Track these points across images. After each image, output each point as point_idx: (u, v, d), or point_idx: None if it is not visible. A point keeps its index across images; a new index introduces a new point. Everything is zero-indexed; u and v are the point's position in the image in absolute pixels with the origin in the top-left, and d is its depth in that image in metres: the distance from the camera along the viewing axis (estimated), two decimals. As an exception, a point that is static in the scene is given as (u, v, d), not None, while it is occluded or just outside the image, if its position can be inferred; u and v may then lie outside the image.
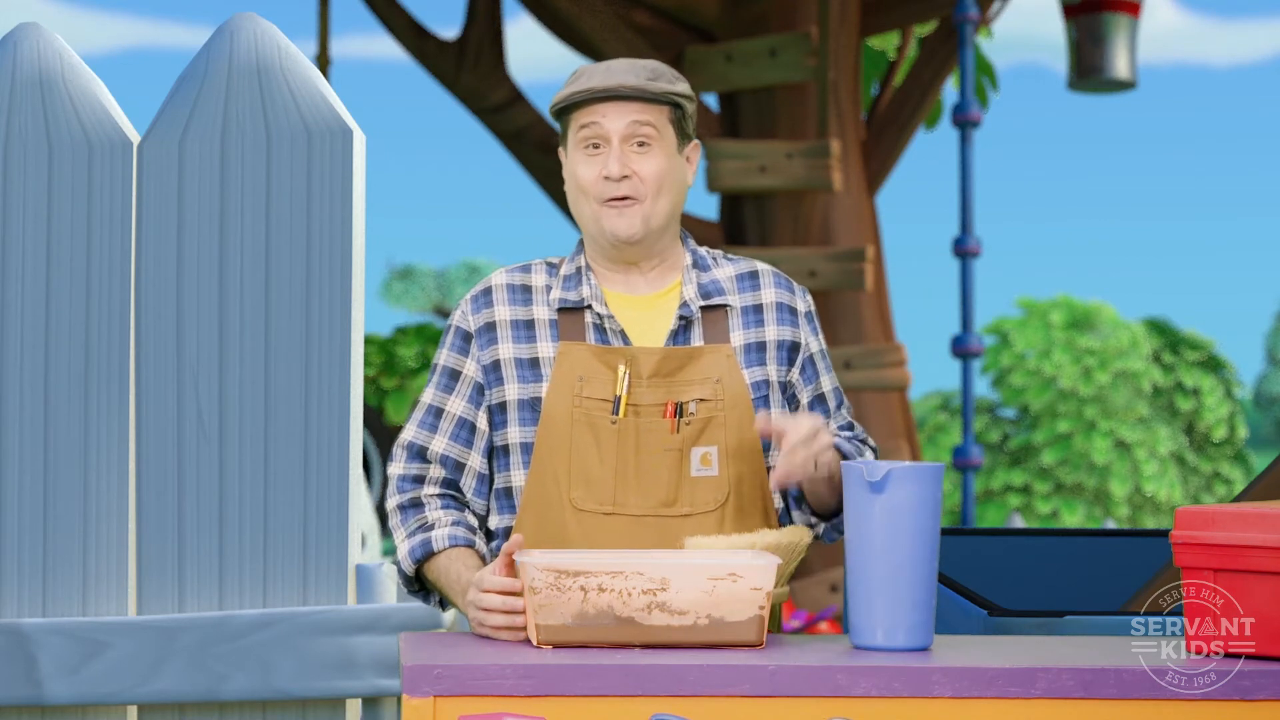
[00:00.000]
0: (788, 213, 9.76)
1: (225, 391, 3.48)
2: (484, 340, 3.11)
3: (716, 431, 3.03)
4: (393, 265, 43.33)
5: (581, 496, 3.01)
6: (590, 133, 3.06)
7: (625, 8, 10.11)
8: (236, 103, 3.49)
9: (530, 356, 3.08)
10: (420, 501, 3.10)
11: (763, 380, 3.10)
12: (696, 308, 3.10)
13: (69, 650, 3.41)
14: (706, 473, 3.02)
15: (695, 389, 3.04)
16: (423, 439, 3.12)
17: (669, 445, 3.01)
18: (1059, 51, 29.05)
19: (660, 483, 3.01)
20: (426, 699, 2.58)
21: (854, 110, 10.00)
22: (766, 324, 3.14)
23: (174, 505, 3.47)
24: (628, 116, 3.05)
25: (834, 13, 9.68)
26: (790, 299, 3.19)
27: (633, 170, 3.06)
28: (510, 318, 3.11)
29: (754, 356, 3.11)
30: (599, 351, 3.05)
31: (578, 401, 3.03)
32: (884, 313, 10.12)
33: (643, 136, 3.06)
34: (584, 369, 3.04)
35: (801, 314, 3.19)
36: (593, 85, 3.06)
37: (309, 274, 3.49)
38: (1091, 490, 26.53)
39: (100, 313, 3.49)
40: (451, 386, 3.13)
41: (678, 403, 3.02)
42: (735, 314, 3.13)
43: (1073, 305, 27.84)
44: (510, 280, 3.15)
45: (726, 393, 3.04)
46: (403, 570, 3.09)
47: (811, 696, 2.61)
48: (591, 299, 3.09)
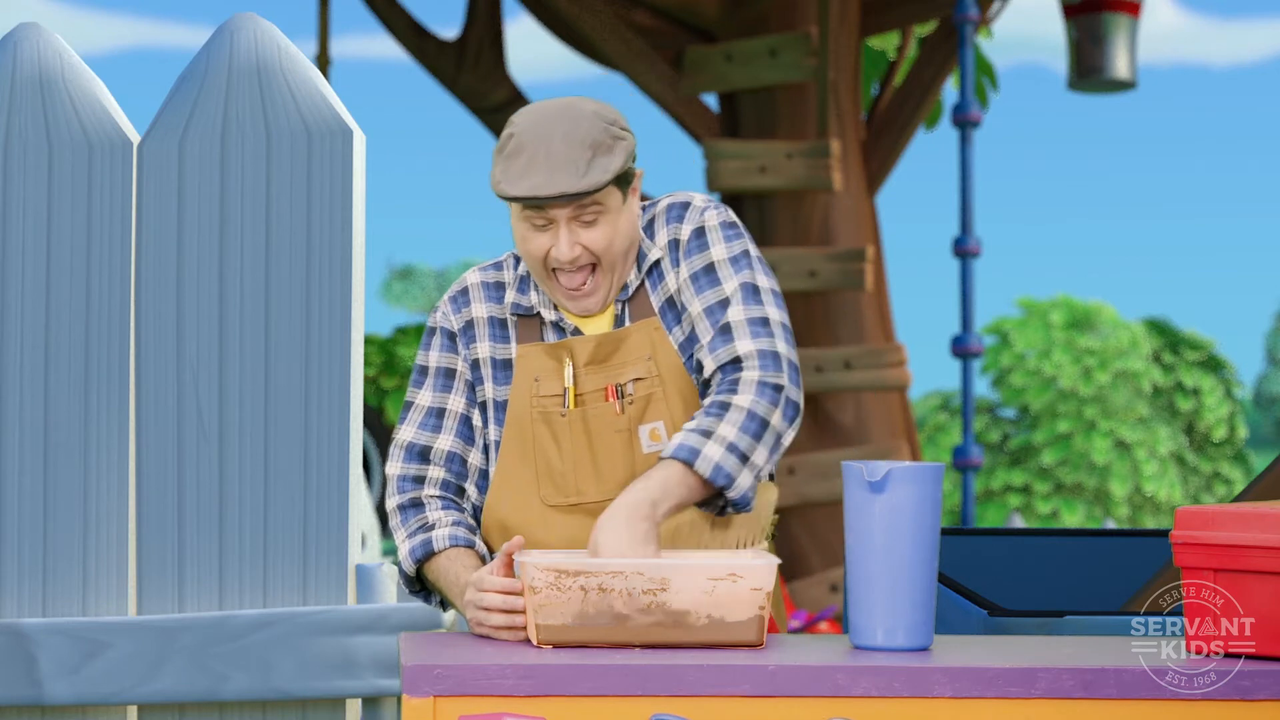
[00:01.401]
0: (788, 213, 9.76)
1: (225, 391, 3.48)
2: (466, 339, 3.14)
3: (659, 406, 3.05)
4: (393, 265, 43.37)
5: (549, 492, 3.05)
6: (534, 214, 2.99)
7: (625, 8, 10.11)
8: (236, 103, 3.49)
9: (504, 358, 3.12)
10: (421, 502, 3.11)
11: (686, 339, 3.08)
12: (633, 287, 3.10)
13: (69, 650, 3.41)
14: (657, 447, 3.03)
15: (630, 369, 3.05)
16: (425, 439, 3.13)
17: (618, 427, 3.04)
18: (1059, 51, 29.03)
19: (616, 465, 3.04)
20: (426, 699, 2.58)
21: (854, 110, 10.00)
22: (667, 273, 3.10)
23: (174, 505, 3.47)
24: (571, 205, 2.98)
25: (834, 13, 9.67)
26: (678, 229, 3.09)
27: (583, 245, 3.00)
28: (487, 315, 3.14)
29: (671, 316, 3.09)
30: (549, 349, 3.09)
31: (535, 402, 3.07)
32: (884, 313, 10.12)
33: (590, 214, 2.99)
34: (538, 369, 3.08)
35: (684, 242, 3.09)
36: (531, 191, 2.94)
37: (309, 274, 3.49)
38: (1091, 490, 26.53)
39: (100, 313, 3.49)
40: (449, 385, 3.14)
41: (617, 385, 3.04)
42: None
43: (1073, 305, 27.84)
44: (484, 279, 3.17)
45: (660, 367, 3.05)
46: (404, 570, 3.10)
47: (811, 696, 2.61)
48: (540, 306, 3.10)
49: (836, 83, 9.75)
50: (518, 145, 2.98)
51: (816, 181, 9.38)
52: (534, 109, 3.01)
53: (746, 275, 3.05)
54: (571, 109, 3.00)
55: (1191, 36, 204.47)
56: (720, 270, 3.06)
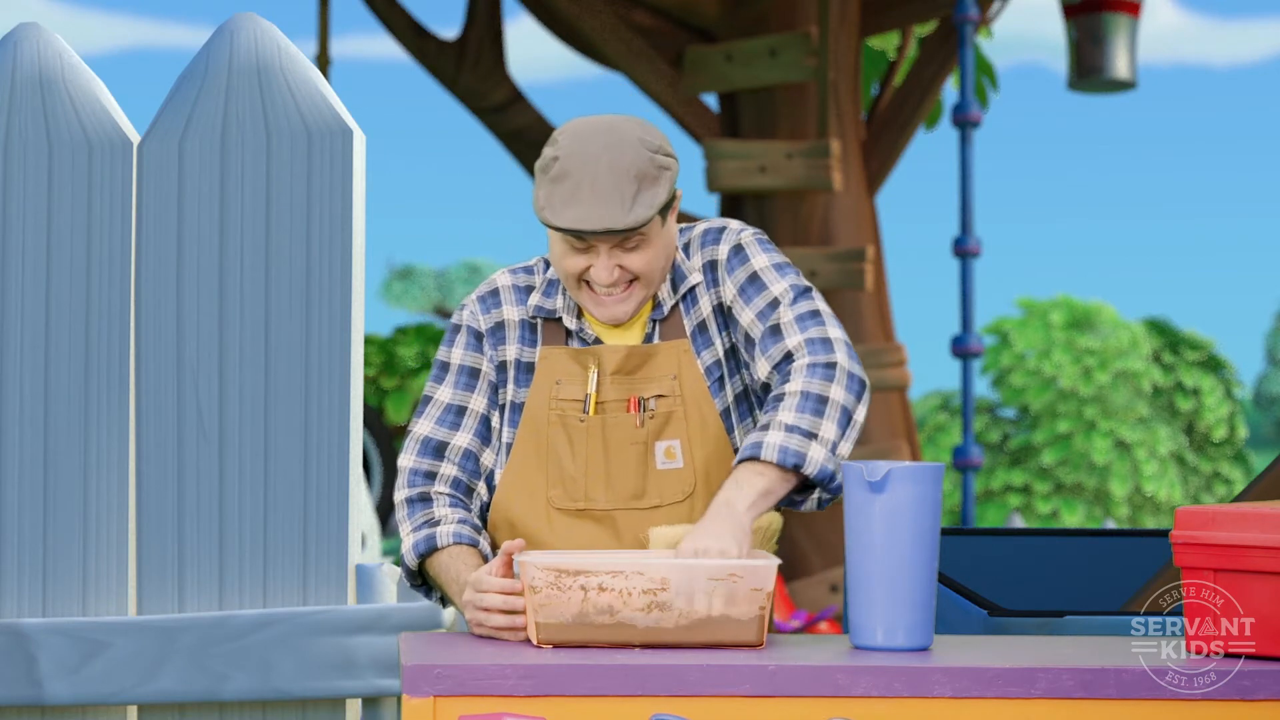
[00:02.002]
0: (788, 213, 9.76)
1: (225, 391, 3.48)
2: (495, 340, 3.14)
3: (678, 426, 3.05)
4: (393, 265, 43.32)
5: (558, 495, 3.05)
6: (574, 239, 2.99)
7: (625, 8, 10.11)
8: (236, 103, 3.49)
9: (530, 361, 3.12)
10: (429, 497, 3.11)
11: (714, 363, 3.10)
12: (668, 307, 3.11)
13: (69, 650, 3.41)
14: (671, 465, 3.04)
15: (654, 385, 3.06)
16: (443, 435, 3.13)
17: (635, 439, 3.04)
18: (1059, 51, 29.06)
19: (628, 476, 3.04)
20: (426, 699, 2.58)
21: (854, 110, 10.00)
22: (700, 296, 3.12)
23: (174, 505, 3.47)
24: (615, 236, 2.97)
25: (834, 13, 9.68)
26: (714, 251, 3.11)
27: (623, 268, 3.01)
28: (518, 318, 3.14)
29: (703, 339, 3.11)
30: (574, 354, 3.09)
31: (554, 404, 3.07)
32: (884, 313, 10.12)
33: (633, 243, 2.99)
34: (561, 372, 3.08)
35: (723, 261, 3.10)
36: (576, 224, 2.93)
37: (309, 274, 3.49)
38: (1091, 490, 26.53)
39: (100, 313, 3.49)
40: (472, 385, 3.15)
41: (640, 398, 3.05)
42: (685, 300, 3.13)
43: (1073, 305, 27.84)
44: (515, 281, 3.17)
45: (683, 388, 3.06)
46: (406, 564, 3.11)
47: (811, 696, 2.61)
48: (563, 311, 3.10)
49: (836, 83, 9.75)
50: (562, 170, 2.95)
51: (816, 181, 9.38)
52: (578, 128, 2.98)
53: (792, 278, 3.06)
54: (616, 132, 2.98)
55: (1191, 36, 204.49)
56: (765, 276, 3.07)
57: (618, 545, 3.05)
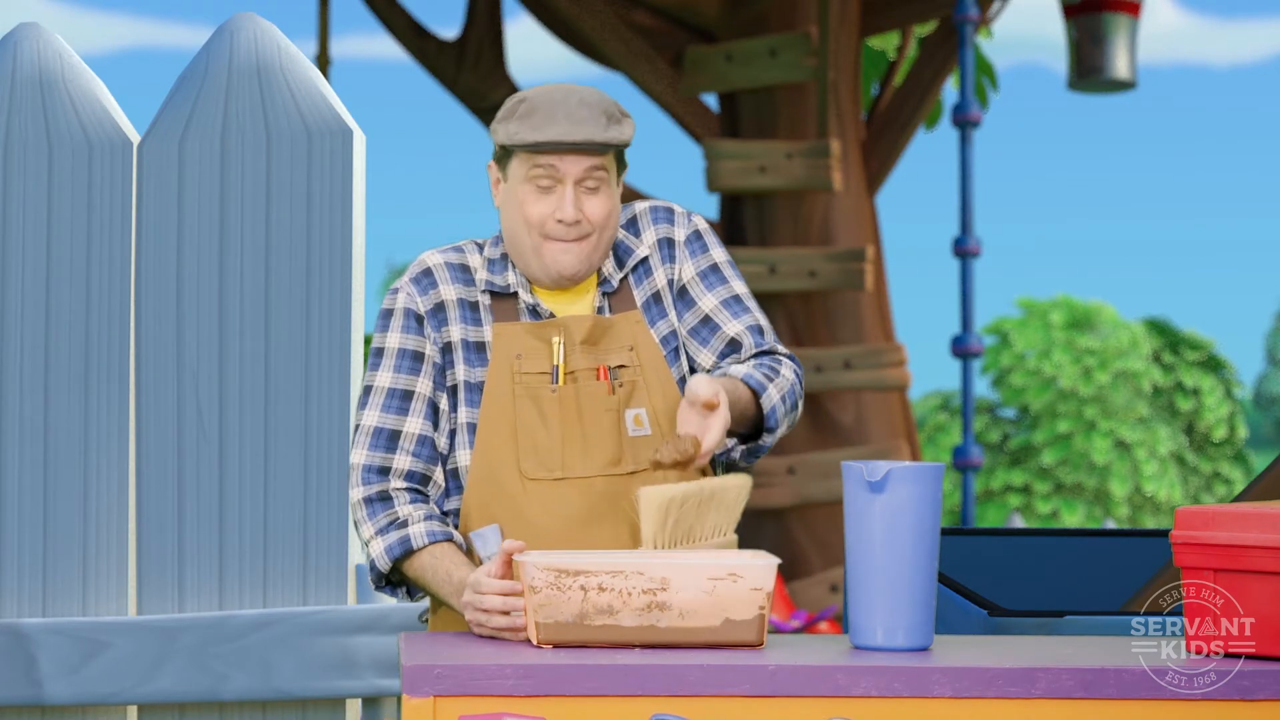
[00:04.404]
0: (787, 213, 9.76)
1: (225, 391, 3.48)
2: (436, 322, 3.12)
3: (641, 395, 3.11)
4: (393, 265, 43.33)
5: (532, 466, 3.04)
6: (543, 173, 3.07)
7: (625, 8, 10.11)
8: (236, 103, 3.49)
9: (477, 340, 3.11)
10: (389, 495, 3.07)
11: (670, 333, 3.17)
12: (616, 280, 3.15)
13: (69, 650, 3.41)
14: (641, 433, 3.09)
15: (615, 356, 3.12)
16: (392, 423, 3.09)
17: (608, 406, 3.09)
18: (1059, 51, 29.04)
19: (605, 442, 3.07)
20: (426, 699, 2.58)
21: (854, 110, 10.00)
22: (655, 269, 3.20)
23: (174, 505, 3.47)
24: (584, 164, 3.07)
25: (834, 13, 9.68)
26: (669, 230, 3.22)
27: (583, 213, 3.08)
28: (457, 297, 3.13)
29: (656, 310, 3.18)
30: (532, 328, 3.10)
31: (517, 378, 3.08)
32: (884, 313, 10.12)
33: (595, 180, 3.08)
34: (520, 346, 3.10)
35: (680, 242, 3.21)
36: (558, 136, 3.04)
37: (309, 274, 3.49)
38: (1091, 490, 26.54)
39: (100, 313, 3.49)
40: (416, 369, 3.11)
41: (609, 366, 3.09)
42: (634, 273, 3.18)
43: (1073, 305, 27.85)
44: (447, 259, 3.17)
45: (641, 358, 3.12)
46: (376, 566, 3.07)
47: (811, 696, 2.61)
48: (517, 286, 3.12)
49: (836, 83, 9.75)
50: (532, 106, 3.07)
51: (816, 181, 9.38)
52: (540, 87, 3.12)
53: (743, 285, 3.26)
54: (577, 87, 3.13)
55: (1191, 36, 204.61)
56: (724, 271, 3.23)
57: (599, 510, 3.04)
